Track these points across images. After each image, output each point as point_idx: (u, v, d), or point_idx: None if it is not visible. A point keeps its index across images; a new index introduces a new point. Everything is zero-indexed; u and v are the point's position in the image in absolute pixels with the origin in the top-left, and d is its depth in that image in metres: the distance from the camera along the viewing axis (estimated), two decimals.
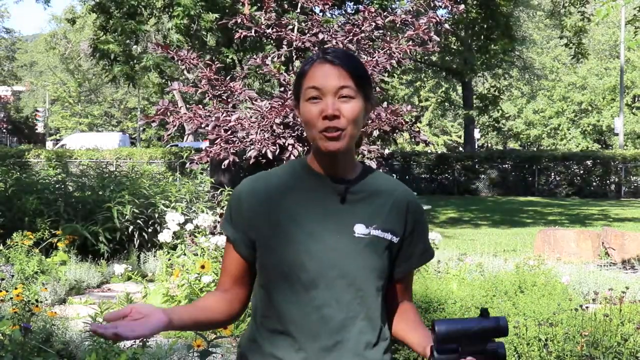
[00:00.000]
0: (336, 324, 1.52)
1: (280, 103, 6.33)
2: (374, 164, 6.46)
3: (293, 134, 6.39)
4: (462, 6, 7.35)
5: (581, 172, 24.63)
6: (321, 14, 7.86)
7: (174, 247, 6.25)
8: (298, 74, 1.59)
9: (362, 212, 1.58)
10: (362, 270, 1.54)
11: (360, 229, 1.56)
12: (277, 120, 6.30)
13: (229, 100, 6.72)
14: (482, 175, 25.28)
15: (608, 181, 24.51)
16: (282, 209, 1.57)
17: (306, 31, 6.83)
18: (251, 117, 6.49)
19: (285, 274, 1.53)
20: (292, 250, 1.53)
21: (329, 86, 1.51)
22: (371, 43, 6.86)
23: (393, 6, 14.71)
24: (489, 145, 50.07)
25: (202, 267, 5.25)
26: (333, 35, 6.72)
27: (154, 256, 7.76)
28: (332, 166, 1.58)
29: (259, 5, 9.71)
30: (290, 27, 6.95)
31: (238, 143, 6.39)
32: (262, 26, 6.90)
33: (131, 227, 8.17)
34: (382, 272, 1.58)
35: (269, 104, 6.43)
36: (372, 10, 6.80)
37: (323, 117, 1.51)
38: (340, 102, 1.51)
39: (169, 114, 6.60)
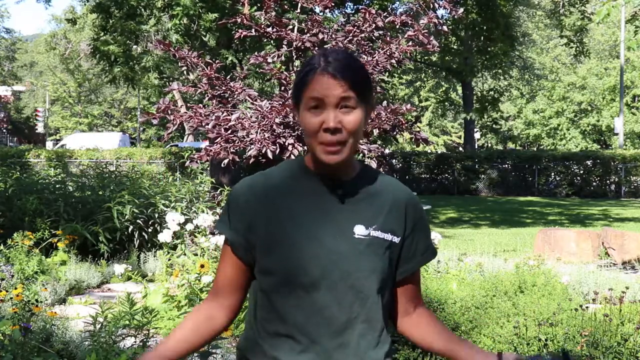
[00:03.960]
0: (338, 325, 1.51)
1: (281, 103, 6.34)
2: (374, 164, 6.46)
3: (293, 134, 6.39)
4: (461, 10, 7.33)
5: (581, 172, 24.64)
6: (321, 13, 7.86)
7: (174, 247, 6.25)
8: (298, 81, 1.54)
9: (361, 213, 1.56)
10: (363, 272, 1.53)
11: (360, 230, 1.54)
12: (277, 120, 6.30)
13: (229, 99, 6.72)
14: (482, 175, 25.27)
15: (608, 181, 24.52)
16: (281, 211, 1.56)
17: (306, 31, 6.83)
18: (251, 116, 6.49)
19: (287, 277, 1.51)
20: (293, 253, 1.52)
21: (331, 98, 1.49)
22: (371, 44, 6.85)
23: (393, 5, 14.71)
24: (489, 145, 50.07)
25: (202, 267, 5.25)
26: (333, 36, 6.72)
27: (154, 256, 7.76)
28: (330, 171, 1.57)
29: (258, 5, 9.71)
30: (290, 27, 6.95)
31: (238, 142, 6.39)
32: (262, 25, 6.90)
33: (131, 227, 8.17)
34: (383, 273, 1.56)
35: (269, 103, 6.43)
36: (373, 12, 6.79)
37: (324, 129, 1.49)
38: (341, 114, 1.49)
39: (169, 112, 6.60)
